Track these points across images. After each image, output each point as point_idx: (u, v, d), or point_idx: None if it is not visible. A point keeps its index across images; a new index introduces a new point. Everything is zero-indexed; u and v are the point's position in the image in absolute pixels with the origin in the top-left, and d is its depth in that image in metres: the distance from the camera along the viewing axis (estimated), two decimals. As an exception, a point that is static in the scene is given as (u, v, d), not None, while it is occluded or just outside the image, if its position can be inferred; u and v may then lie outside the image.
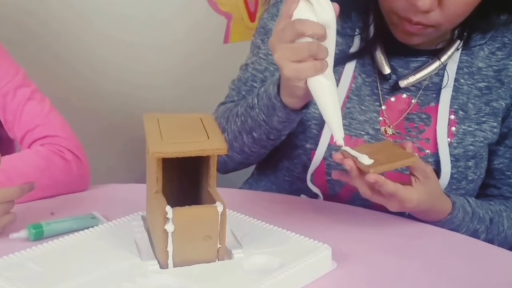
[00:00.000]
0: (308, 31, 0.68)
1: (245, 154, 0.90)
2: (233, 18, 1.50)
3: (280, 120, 0.81)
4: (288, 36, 0.69)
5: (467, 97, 0.91)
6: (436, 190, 0.80)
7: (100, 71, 1.40)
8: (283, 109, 0.79)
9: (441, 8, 0.79)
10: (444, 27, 0.83)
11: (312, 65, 0.70)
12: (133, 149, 1.45)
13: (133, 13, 1.38)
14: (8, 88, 0.89)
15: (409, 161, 0.74)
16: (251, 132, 0.86)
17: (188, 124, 0.68)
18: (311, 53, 0.69)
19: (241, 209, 0.77)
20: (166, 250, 0.63)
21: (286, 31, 0.69)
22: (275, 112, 0.80)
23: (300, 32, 0.68)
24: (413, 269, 0.72)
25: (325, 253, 0.69)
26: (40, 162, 0.83)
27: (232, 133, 0.89)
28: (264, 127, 0.84)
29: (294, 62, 0.70)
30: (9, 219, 0.72)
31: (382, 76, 0.91)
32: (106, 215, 0.79)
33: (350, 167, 0.72)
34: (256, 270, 0.65)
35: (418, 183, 0.76)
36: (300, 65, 0.70)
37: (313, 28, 0.68)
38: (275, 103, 0.79)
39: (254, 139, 0.86)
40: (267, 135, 0.85)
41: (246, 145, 0.88)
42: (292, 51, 0.69)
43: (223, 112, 0.93)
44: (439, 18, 0.81)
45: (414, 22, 0.81)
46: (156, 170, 0.64)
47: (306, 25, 0.68)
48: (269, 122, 0.82)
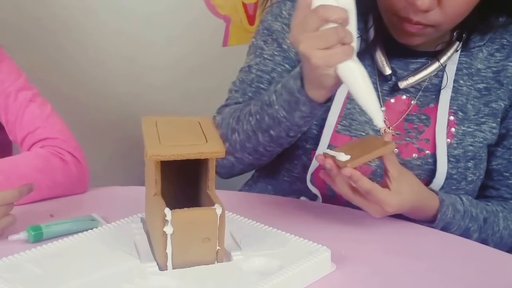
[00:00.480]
0: (332, 15, 0.67)
1: (258, 154, 0.88)
2: (232, 21, 1.50)
3: (303, 115, 0.78)
4: (312, 24, 0.67)
5: (466, 98, 0.91)
6: (417, 186, 0.80)
7: (99, 74, 1.40)
8: (308, 103, 0.76)
9: (441, 7, 0.80)
10: (444, 26, 0.83)
11: (342, 50, 0.68)
12: (131, 151, 1.46)
13: (131, 17, 1.39)
14: (10, 90, 0.90)
15: (384, 149, 0.73)
16: (268, 130, 0.83)
17: (187, 127, 0.68)
18: (339, 38, 0.67)
19: (240, 211, 0.77)
20: (165, 252, 0.63)
21: (309, 19, 0.67)
22: (298, 107, 0.78)
23: (324, 17, 0.67)
24: (412, 270, 0.72)
25: (324, 255, 0.69)
26: (39, 164, 0.84)
27: (245, 133, 0.86)
28: (285, 124, 0.81)
29: (322, 50, 0.67)
30: (8, 221, 0.73)
31: (381, 78, 0.92)
32: (105, 217, 0.79)
33: (329, 165, 0.72)
34: (255, 272, 0.65)
35: (394, 184, 0.75)
36: (329, 51, 0.67)
37: (337, 12, 0.67)
38: (299, 97, 0.76)
39: (271, 137, 0.84)
40: (286, 132, 0.82)
41: (261, 144, 0.86)
42: (320, 38, 0.67)
43: (232, 113, 0.90)
44: (438, 18, 0.81)
45: (414, 21, 0.81)
46: (154, 172, 0.65)
47: (330, 10, 0.67)
48: (290, 118, 0.80)
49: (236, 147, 0.88)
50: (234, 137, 0.88)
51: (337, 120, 0.89)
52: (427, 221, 0.84)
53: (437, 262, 0.74)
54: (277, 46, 0.94)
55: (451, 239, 0.82)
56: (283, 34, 0.94)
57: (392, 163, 0.75)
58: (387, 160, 0.75)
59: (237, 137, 0.87)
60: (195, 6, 1.45)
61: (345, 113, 0.90)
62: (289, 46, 0.93)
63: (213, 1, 1.46)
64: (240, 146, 0.88)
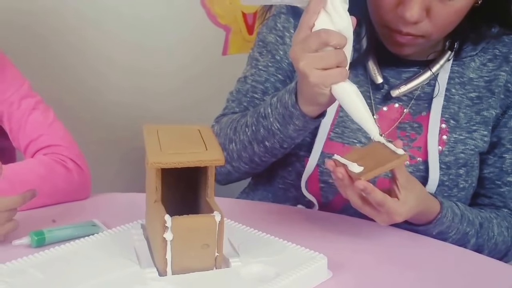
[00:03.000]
0: (333, 40, 0.71)
1: (254, 164, 0.91)
2: (232, 31, 1.52)
3: (296, 128, 0.82)
4: (313, 45, 0.71)
5: (458, 107, 0.93)
6: (422, 193, 0.81)
7: (98, 83, 1.42)
8: (301, 118, 0.80)
9: (430, 18, 0.82)
10: (434, 36, 0.85)
11: (339, 72, 0.72)
12: (131, 159, 1.47)
13: (132, 26, 1.41)
14: (13, 98, 0.92)
15: (398, 161, 0.74)
16: (263, 141, 0.87)
17: (187, 135, 0.70)
18: (337, 61, 0.72)
19: (238, 218, 0.79)
20: (165, 258, 0.64)
21: (310, 40, 0.72)
22: (291, 120, 0.81)
23: (325, 41, 0.71)
24: (408, 279, 0.73)
25: (321, 262, 0.70)
26: (42, 171, 0.85)
27: (241, 143, 0.89)
28: (279, 136, 0.84)
29: (320, 70, 0.72)
30: (11, 226, 0.74)
31: (374, 86, 0.93)
32: (106, 223, 0.80)
33: (342, 175, 0.73)
34: (253, 279, 0.66)
35: (403, 192, 0.75)
36: (327, 72, 0.72)
37: (337, 38, 0.71)
38: (293, 111, 0.80)
39: (266, 148, 0.87)
40: (280, 143, 0.86)
41: (257, 154, 0.89)
42: (320, 59, 0.72)
43: (229, 123, 0.93)
44: (428, 28, 0.83)
45: (404, 33, 0.83)
46: (155, 179, 0.66)
47: (331, 35, 0.71)
48: (284, 131, 0.83)
49: (233, 156, 0.91)
50: (231, 146, 0.91)
51: (330, 128, 0.92)
52: (425, 224, 0.84)
53: (432, 271, 0.75)
54: (271, 58, 0.97)
55: (447, 248, 0.83)
56: (277, 46, 0.97)
57: (401, 172, 0.76)
58: (397, 168, 0.76)
59: (234, 147, 0.90)
60: (196, 16, 1.47)
61: (337, 121, 0.92)
62: (281, 57, 0.97)
63: (213, 11, 1.49)
64: (237, 155, 0.90)
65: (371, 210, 0.76)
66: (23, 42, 1.31)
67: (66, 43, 1.36)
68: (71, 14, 1.35)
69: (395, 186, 0.76)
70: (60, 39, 1.35)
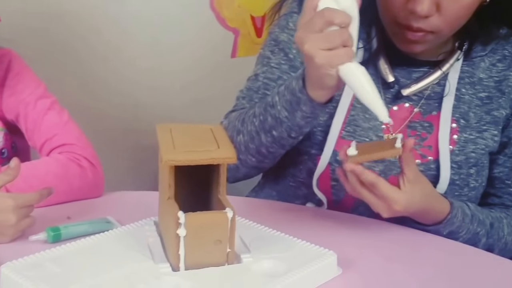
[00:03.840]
0: (337, 19, 0.70)
1: (261, 156, 0.90)
2: (241, 34, 1.54)
3: (304, 115, 0.80)
4: (318, 25, 0.70)
5: (468, 107, 0.94)
6: (430, 190, 0.81)
7: (110, 83, 1.44)
8: (309, 103, 0.78)
9: (440, 13, 0.82)
10: (445, 32, 0.86)
11: (344, 52, 0.71)
12: (141, 158, 1.49)
13: (144, 29, 1.43)
14: (29, 99, 0.94)
15: (389, 152, 0.75)
16: (270, 130, 0.85)
17: (199, 134, 0.71)
18: (342, 40, 0.70)
19: (248, 216, 0.80)
20: (178, 253, 0.65)
21: (315, 21, 0.71)
22: (299, 107, 0.80)
23: (330, 20, 0.70)
24: (417, 276, 0.74)
25: (330, 259, 0.71)
26: (58, 169, 0.87)
27: (249, 134, 0.88)
28: (286, 124, 0.83)
29: (325, 50, 0.71)
30: (29, 222, 0.76)
31: (385, 86, 0.94)
32: (119, 220, 0.82)
33: (341, 157, 0.76)
34: (264, 274, 0.67)
35: (407, 184, 0.76)
36: (332, 52, 0.71)
37: (341, 16, 0.70)
38: (300, 97, 0.79)
39: (273, 138, 0.86)
40: (288, 132, 0.84)
41: (264, 145, 0.87)
42: (325, 39, 0.70)
43: (237, 116, 0.93)
44: (438, 23, 0.83)
45: (414, 28, 0.84)
46: (168, 177, 0.68)
47: (335, 13, 0.70)
48: (292, 119, 0.82)
49: (241, 149, 0.90)
50: (239, 138, 0.90)
51: (342, 126, 0.92)
52: (435, 224, 0.85)
53: (442, 268, 0.76)
54: (284, 56, 0.97)
55: (457, 246, 0.83)
56: (290, 45, 0.97)
57: (409, 167, 0.77)
58: (406, 163, 0.77)
59: (241, 138, 0.89)
60: (206, 19, 1.49)
61: (349, 119, 0.93)
62: (294, 56, 0.96)
63: (222, 14, 1.50)
64: (244, 147, 0.89)
65: (370, 195, 0.77)
66: (37, 44, 1.33)
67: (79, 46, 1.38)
68: (86, 18, 1.37)
69: (401, 179, 0.77)
70: (73, 42, 1.37)
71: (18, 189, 0.80)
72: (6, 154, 0.98)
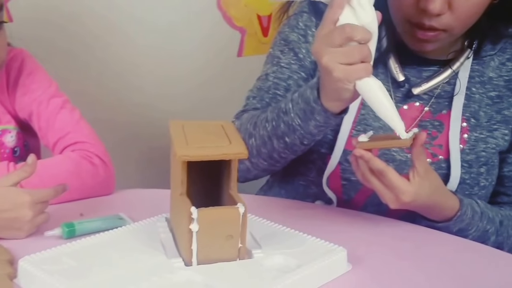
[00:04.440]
0: (358, 35, 0.71)
1: (273, 160, 0.91)
2: (247, 33, 1.55)
3: (317, 124, 0.81)
4: (338, 40, 0.71)
5: (478, 106, 0.94)
6: (439, 186, 0.82)
7: (118, 85, 1.45)
8: (323, 113, 0.79)
9: (452, 10, 0.82)
10: (456, 30, 0.86)
11: (364, 67, 0.72)
12: (148, 157, 1.50)
13: (150, 29, 1.44)
14: (42, 98, 0.96)
15: (396, 142, 0.76)
16: (283, 137, 0.86)
17: (211, 130, 0.72)
18: (362, 56, 0.72)
19: (258, 213, 0.81)
20: (191, 248, 0.66)
21: (335, 35, 0.71)
22: (313, 116, 0.81)
23: (350, 36, 0.71)
24: (426, 272, 0.74)
25: (340, 255, 0.72)
26: (71, 166, 0.89)
27: (261, 139, 0.89)
28: (299, 132, 0.84)
29: (344, 65, 0.72)
30: (44, 218, 0.77)
31: (395, 85, 0.94)
32: (131, 217, 0.83)
33: (354, 143, 0.76)
34: (275, 269, 0.68)
35: (417, 178, 0.77)
36: (351, 67, 0.72)
37: (362, 33, 0.71)
38: (315, 107, 0.79)
39: (286, 144, 0.86)
40: (301, 140, 0.85)
41: (276, 150, 0.88)
42: (344, 54, 0.72)
43: (249, 119, 0.93)
44: (450, 21, 0.83)
45: (426, 26, 0.84)
46: (181, 173, 0.68)
47: (356, 30, 0.71)
48: (305, 127, 0.83)
49: (253, 152, 0.91)
50: (251, 142, 0.91)
51: (352, 126, 0.93)
52: (444, 221, 0.85)
53: (450, 265, 0.76)
54: (294, 55, 0.98)
55: (466, 244, 0.84)
56: (299, 44, 0.97)
57: (420, 162, 0.77)
58: (416, 157, 0.77)
59: (253, 142, 0.90)
60: (212, 18, 1.50)
61: (359, 118, 0.93)
62: (304, 56, 0.97)
63: (229, 13, 1.51)
64: (256, 151, 0.90)
65: (378, 183, 0.77)
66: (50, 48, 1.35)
67: (89, 48, 1.40)
68: (95, 21, 1.39)
69: (411, 172, 0.77)
70: (83, 44, 1.39)
71: (32, 186, 0.81)
72: (18, 152, 1.00)
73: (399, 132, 0.74)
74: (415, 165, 0.77)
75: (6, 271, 0.66)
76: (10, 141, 0.98)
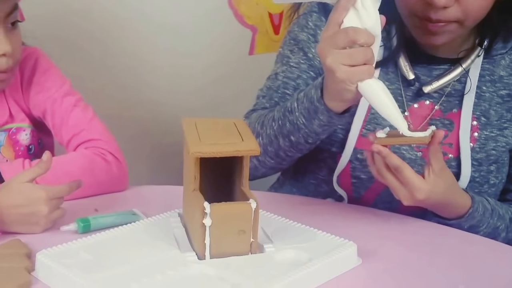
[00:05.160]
0: (360, 39, 0.73)
1: (279, 159, 0.92)
2: (258, 31, 1.56)
3: (321, 123, 0.83)
4: (341, 42, 0.73)
5: (489, 104, 0.94)
6: (453, 184, 0.82)
7: (132, 83, 1.47)
8: (326, 113, 0.81)
9: (459, 3, 0.82)
10: (466, 23, 0.85)
11: (366, 69, 0.74)
12: (160, 154, 1.51)
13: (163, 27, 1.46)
14: (56, 96, 0.97)
15: (415, 139, 0.77)
16: (288, 136, 0.88)
17: (223, 127, 0.74)
18: (365, 58, 0.73)
19: (269, 209, 0.82)
20: (204, 242, 0.68)
21: (339, 37, 0.73)
22: (316, 115, 0.82)
23: (353, 39, 0.73)
24: (436, 267, 0.75)
25: (351, 249, 0.73)
26: (84, 163, 0.90)
27: (268, 137, 0.90)
28: (304, 131, 0.85)
29: (347, 66, 0.74)
30: (59, 213, 0.79)
31: (405, 84, 0.95)
32: (143, 213, 0.84)
33: (371, 138, 0.77)
34: (286, 264, 0.69)
35: (432, 175, 0.78)
36: (354, 68, 0.73)
37: (364, 37, 0.73)
38: (318, 106, 0.81)
39: (291, 143, 0.88)
40: (305, 138, 0.86)
41: (282, 149, 0.90)
42: (347, 56, 0.73)
43: (258, 118, 0.95)
44: (458, 14, 0.83)
45: (434, 20, 0.84)
46: (194, 169, 0.70)
47: (359, 33, 0.72)
48: (309, 126, 0.84)
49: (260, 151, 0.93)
50: (258, 140, 0.92)
51: (362, 125, 0.93)
52: (456, 218, 0.86)
53: (460, 259, 0.77)
54: (303, 55, 0.98)
55: (476, 239, 0.84)
56: (309, 44, 0.98)
57: (436, 159, 0.78)
58: (433, 155, 0.78)
59: (260, 141, 0.92)
60: (224, 16, 1.51)
61: (369, 117, 0.94)
62: (314, 55, 0.97)
63: (240, 11, 1.52)
64: (263, 149, 0.91)
65: (393, 179, 0.78)
66: (64, 45, 1.36)
67: (101, 45, 1.42)
68: (107, 18, 1.40)
69: (426, 170, 0.78)
70: (95, 42, 1.40)
71: (46, 182, 0.82)
72: (33, 150, 1.01)
73: (402, 130, 0.75)
74: (431, 162, 0.78)
75: (24, 264, 0.68)
76: (24, 139, 1.00)
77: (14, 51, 0.90)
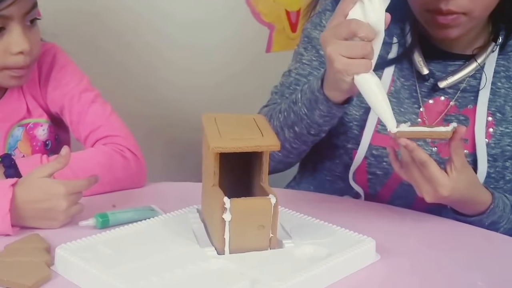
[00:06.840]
0: (361, 33, 0.73)
1: (286, 151, 0.93)
2: (276, 29, 1.56)
3: (322, 113, 0.84)
4: (343, 33, 0.74)
5: (504, 100, 0.94)
6: (474, 180, 0.82)
7: (149, 80, 1.47)
8: (325, 102, 0.82)
9: None
10: (476, 13, 0.85)
11: (363, 63, 0.74)
12: (177, 150, 1.52)
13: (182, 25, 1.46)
14: (74, 92, 0.97)
15: (438, 133, 0.76)
16: (293, 126, 0.89)
17: (243, 123, 0.74)
18: (363, 52, 0.74)
19: (288, 205, 0.82)
20: (223, 237, 0.68)
21: (341, 28, 0.74)
22: (317, 105, 0.84)
23: (354, 32, 0.73)
24: (455, 263, 0.75)
25: (369, 245, 0.73)
26: (103, 160, 0.90)
27: (275, 129, 0.90)
28: (306, 121, 0.87)
29: (345, 57, 0.74)
30: (78, 209, 0.79)
31: (420, 80, 0.95)
32: (161, 209, 0.84)
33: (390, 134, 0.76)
34: (305, 259, 0.69)
35: (454, 172, 0.77)
36: (352, 61, 0.74)
37: (365, 31, 0.73)
38: (318, 96, 0.83)
39: (295, 134, 0.90)
40: (307, 129, 0.88)
41: (287, 140, 0.91)
42: (347, 48, 0.74)
43: (267, 112, 0.97)
44: (467, 3, 0.84)
45: (444, 11, 0.84)
46: (213, 164, 0.70)
47: (361, 27, 0.73)
48: (311, 116, 0.86)
49: None
50: None
51: (377, 121, 0.93)
52: (477, 215, 0.85)
53: (479, 256, 0.77)
54: (315, 53, 0.99)
55: (494, 236, 0.84)
56: None
57: (458, 156, 0.78)
58: (454, 151, 0.77)
59: None
60: (241, 14, 1.51)
61: None
62: None
63: (258, 9, 1.53)
64: None
65: (418, 174, 0.77)
66: (82, 41, 1.37)
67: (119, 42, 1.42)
68: (126, 14, 1.41)
69: (448, 166, 0.78)
70: (114, 37, 1.41)
71: (64, 178, 0.82)
72: (50, 145, 1.02)
73: (390, 128, 0.75)
74: (452, 159, 0.77)
75: (43, 258, 0.69)
76: (41, 134, 1.00)
77: (32, 49, 0.90)
